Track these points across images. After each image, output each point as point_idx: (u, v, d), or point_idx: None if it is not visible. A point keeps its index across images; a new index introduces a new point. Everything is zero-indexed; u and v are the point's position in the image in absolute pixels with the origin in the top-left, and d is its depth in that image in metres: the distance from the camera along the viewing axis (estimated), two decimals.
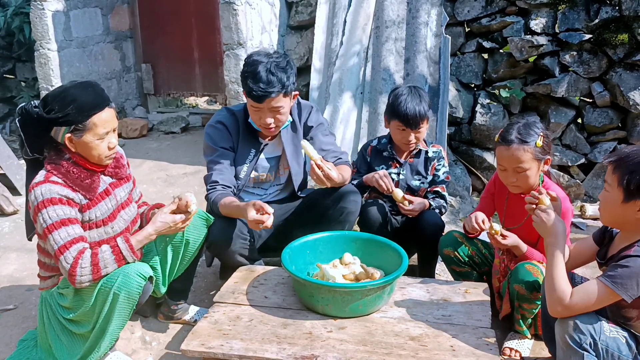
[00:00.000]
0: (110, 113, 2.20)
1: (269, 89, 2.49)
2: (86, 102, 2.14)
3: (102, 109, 2.17)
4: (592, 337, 1.78)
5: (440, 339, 2.08)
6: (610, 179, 1.86)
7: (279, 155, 2.83)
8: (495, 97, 4.54)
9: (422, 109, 2.76)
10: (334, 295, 2.18)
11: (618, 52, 4.15)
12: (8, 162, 4.38)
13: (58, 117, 2.12)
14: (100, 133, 2.17)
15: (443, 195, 2.94)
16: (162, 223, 2.24)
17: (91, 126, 2.14)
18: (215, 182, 2.62)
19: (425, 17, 4.36)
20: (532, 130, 2.32)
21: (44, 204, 2.10)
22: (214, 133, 2.71)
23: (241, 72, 2.59)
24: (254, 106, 2.57)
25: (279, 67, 2.52)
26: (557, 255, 1.92)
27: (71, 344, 2.27)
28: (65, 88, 2.20)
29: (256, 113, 2.59)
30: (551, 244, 1.95)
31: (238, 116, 2.74)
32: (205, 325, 2.20)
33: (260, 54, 2.59)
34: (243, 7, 4.51)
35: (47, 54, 5.20)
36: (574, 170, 4.43)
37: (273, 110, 2.56)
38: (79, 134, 2.14)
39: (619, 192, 1.83)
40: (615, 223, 1.95)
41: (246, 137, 2.73)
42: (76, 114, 2.12)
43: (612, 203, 1.86)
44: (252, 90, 2.50)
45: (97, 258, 2.11)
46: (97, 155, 2.20)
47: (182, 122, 5.92)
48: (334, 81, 4.44)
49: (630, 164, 1.81)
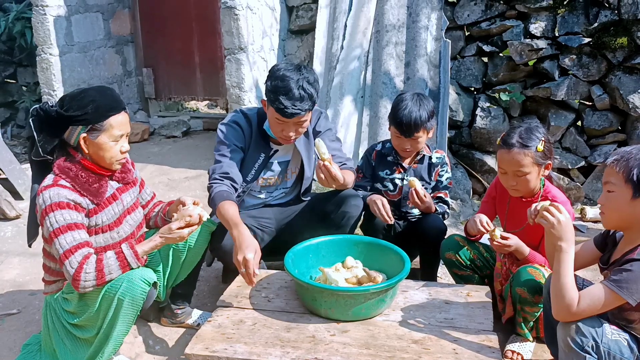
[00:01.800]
0: (125, 117, 2.25)
1: (302, 107, 2.47)
2: (104, 103, 2.19)
3: (119, 111, 2.21)
4: (594, 339, 1.78)
5: (443, 342, 2.09)
6: (615, 179, 1.83)
7: (289, 160, 2.84)
8: (495, 100, 4.56)
9: (418, 118, 2.69)
10: (337, 298, 2.20)
11: (617, 56, 4.17)
12: (10, 167, 4.39)
13: (77, 115, 2.15)
14: (115, 135, 2.20)
15: (446, 200, 2.94)
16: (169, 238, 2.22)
17: (108, 127, 2.18)
18: (226, 174, 2.58)
19: (426, 21, 4.38)
20: (533, 134, 2.33)
21: (51, 207, 2.11)
22: (228, 131, 2.68)
23: (269, 85, 2.52)
24: (279, 120, 2.52)
25: (309, 82, 2.48)
26: (569, 262, 1.86)
27: (75, 348, 2.27)
28: (84, 89, 2.26)
29: (279, 125, 2.55)
30: (563, 249, 1.86)
31: (252, 120, 2.72)
32: (209, 329, 2.21)
33: (289, 68, 2.51)
34: (244, 12, 4.53)
35: (49, 59, 5.22)
36: (574, 173, 4.44)
37: (297, 124, 2.56)
38: (95, 134, 2.17)
39: (627, 189, 1.80)
40: (622, 223, 1.89)
41: (258, 141, 2.73)
42: (94, 113, 2.16)
43: (620, 202, 1.82)
44: (284, 107, 2.45)
45: (101, 264, 2.11)
46: (109, 158, 2.22)
47: (183, 126, 5.94)
48: (335, 85, 4.46)
49: (635, 159, 1.79)
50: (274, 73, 2.52)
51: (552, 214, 1.89)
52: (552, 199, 2.38)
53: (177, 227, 2.20)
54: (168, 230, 2.20)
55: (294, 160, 2.83)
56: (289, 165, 2.84)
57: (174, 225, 2.20)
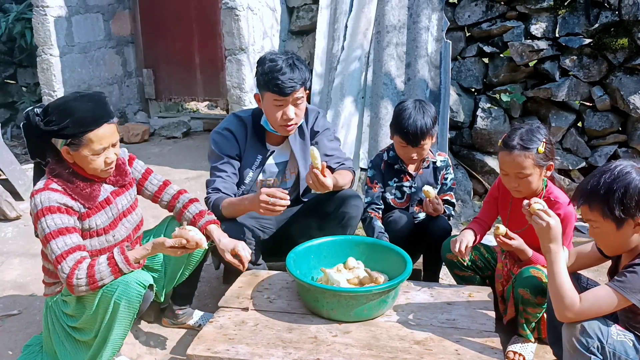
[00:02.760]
0: (109, 129, 2.17)
1: (297, 79, 2.52)
2: (83, 117, 2.11)
3: (99, 125, 2.13)
4: (600, 340, 1.78)
5: (445, 343, 2.09)
6: (593, 217, 1.85)
7: (287, 160, 2.83)
8: (496, 101, 4.56)
9: (424, 126, 2.68)
10: (339, 299, 2.19)
11: (618, 57, 4.17)
12: (10, 168, 4.38)
13: (54, 130, 2.11)
14: (96, 149, 2.14)
15: (452, 202, 2.95)
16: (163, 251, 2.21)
17: (87, 142, 2.12)
18: (217, 190, 2.65)
19: (426, 22, 4.38)
20: (534, 136, 2.32)
21: (42, 212, 2.10)
22: (220, 140, 2.71)
23: (260, 73, 2.58)
24: (278, 101, 2.55)
25: (299, 60, 2.58)
26: (559, 262, 1.90)
27: (75, 350, 2.27)
28: (66, 100, 2.19)
29: (278, 109, 2.58)
30: (550, 250, 1.91)
31: (246, 122, 2.74)
32: (210, 330, 2.20)
33: (273, 53, 2.63)
34: (245, 13, 4.53)
35: (50, 60, 5.22)
36: (575, 174, 4.44)
37: (295, 104, 2.58)
38: (75, 147, 2.13)
39: (609, 223, 1.82)
40: (619, 249, 1.92)
41: (254, 143, 2.74)
42: (72, 128, 2.10)
43: (608, 236, 1.86)
44: (281, 83, 2.49)
45: (93, 270, 2.08)
46: (92, 169, 2.19)
47: (183, 127, 5.94)
48: (336, 86, 4.46)
49: (600, 194, 1.80)
50: (262, 60, 2.60)
51: (541, 217, 1.95)
52: (555, 199, 2.38)
53: (169, 246, 2.15)
54: (161, 245, 2.17)
55: (292, 160, 2.83)
56: (287, 165, 2.84)
57: (167, 242, 2.15)
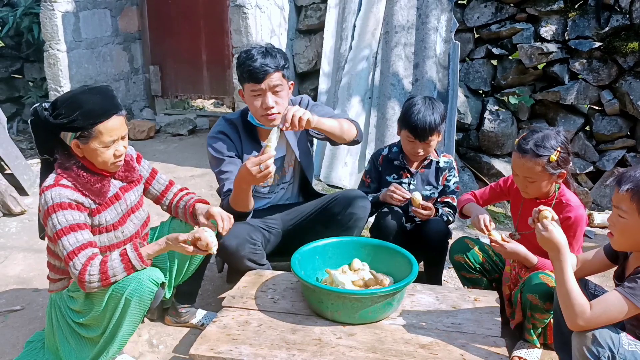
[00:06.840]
0: (118, 121, 2.17)
1: (270, 63, 2.51)
2: (93, 109, 2.11)
3: (108, 117, 2.13)
4: (611, 350, 1.75)
5: (450, 348, 2.07)
6: (626, 206, 1.80)
7: (284, 155, 2.82)
8: (504, 103, 4.53)
9: (433, 122, 2.70)
10: (344, 301, 2.17)
11: (628, 61, 4.14)
12: (16, 162, 4.38)
13: (64, 123, 2.11)
14: (106, 141, 2.14)
15: (453, 205, 2.91)
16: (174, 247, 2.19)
17: (97, 134, 2.12)
18: (229, 191, 2.60)
19: (435, 23, 4.36)
20: (549, 143, 2.29)
21: (53, 208, 2.09)
22: (217, 143, 2.69)
23: (237, 65, 2.62)
24: (254, 90, 2.55)
25: (274, 49, 2.58)
26: (567, 269, 1.87)
27: (79, 347, 2.26)
28: (74, 94, 2.18)
29: (257, 98, 2.56)
30: (556, 258, 1.89)
31: (236, 123, 2.73)
32: (214, 330, 2.19)
33: (252, 47, 2.64)
34: (253, 11, 4.52)
35: (57, 55, 5.21)
36: (582, 178, 4.42)
37: (273, 91, 2.56)
38: (84, 140, 2.13)
39: None
40: (632, 247, 1.89)
41: (248, 142, 2.73)
42: (82, 120, 2.10)
43: (631, 229, 1.81)
44: (251, 69, 2.50)
45: (105, 266, 2.08)
46: (101, 162, 2.19)
47: (189, 124, 5.93)
48: (343, 85, 4.44)
49: None
50: (239, 54, 2.63)
51: (545, 227, 1.93)
52: (567, 202, 2.37)
53: (182, 240, 2.15)
54: (175, 241, 2.16)
55: (289, 153, 2.82)
56: (285, 160, 2.83)
57: (181, 237, 2.15)
